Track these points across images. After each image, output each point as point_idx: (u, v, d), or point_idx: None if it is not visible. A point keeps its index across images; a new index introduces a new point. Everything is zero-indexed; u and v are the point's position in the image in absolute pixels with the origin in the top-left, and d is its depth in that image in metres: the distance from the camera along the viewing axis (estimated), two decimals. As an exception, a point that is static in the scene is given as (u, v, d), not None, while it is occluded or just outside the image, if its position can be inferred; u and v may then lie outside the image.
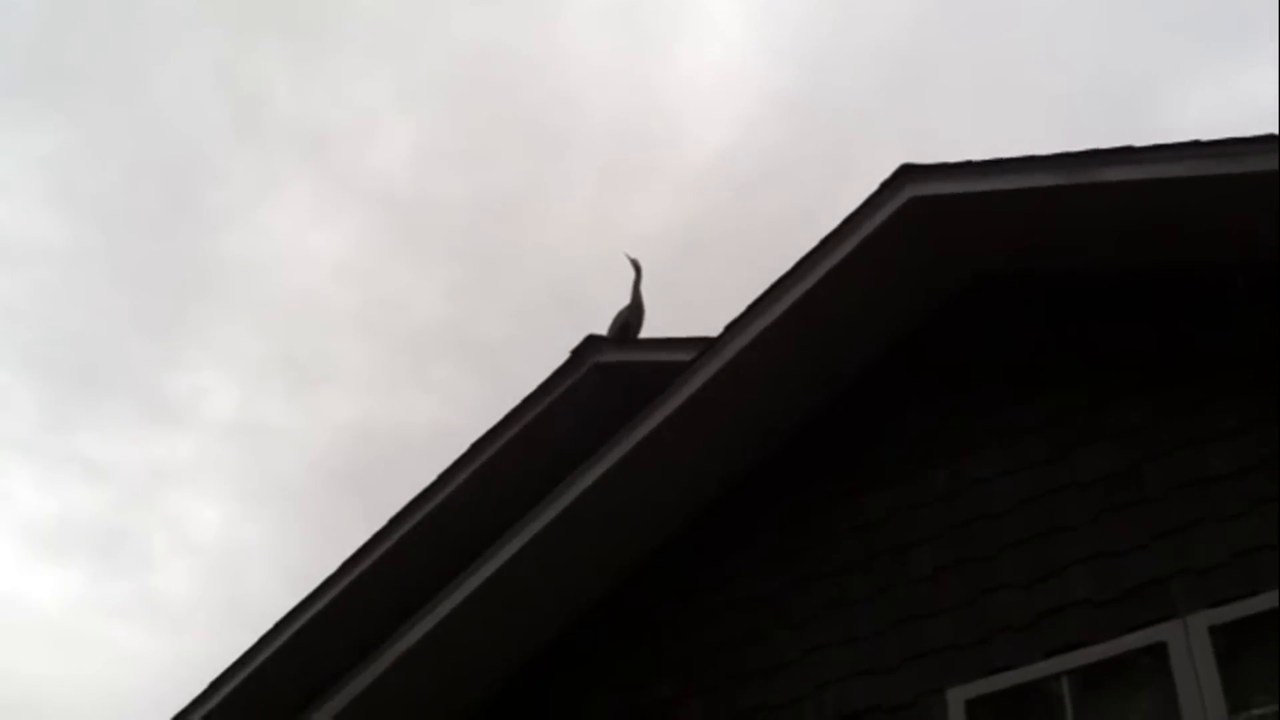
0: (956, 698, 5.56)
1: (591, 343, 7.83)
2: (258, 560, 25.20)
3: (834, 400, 6.78)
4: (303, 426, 24.93)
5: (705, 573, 6.70)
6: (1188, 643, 5.13)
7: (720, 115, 26.02)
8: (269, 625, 8.03)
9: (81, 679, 23.94)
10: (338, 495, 24.79)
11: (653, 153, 25.60)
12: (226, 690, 7.89)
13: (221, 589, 25.09)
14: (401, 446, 24.18)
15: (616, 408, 7.06)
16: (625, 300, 8.41)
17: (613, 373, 7.74)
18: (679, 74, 25.10)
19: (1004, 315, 6.53)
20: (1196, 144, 5.74)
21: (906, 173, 6.41)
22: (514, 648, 6.89)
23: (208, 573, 25.30)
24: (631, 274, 8.59)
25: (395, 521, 7.92)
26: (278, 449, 24.93)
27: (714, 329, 6.70)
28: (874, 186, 6.47)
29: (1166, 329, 6.03)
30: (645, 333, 8.41)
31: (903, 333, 6.72)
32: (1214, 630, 5.11)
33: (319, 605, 7.91)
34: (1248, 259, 5.82)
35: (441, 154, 24.67)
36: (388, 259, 25.07)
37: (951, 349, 6.58)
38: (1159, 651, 5.18)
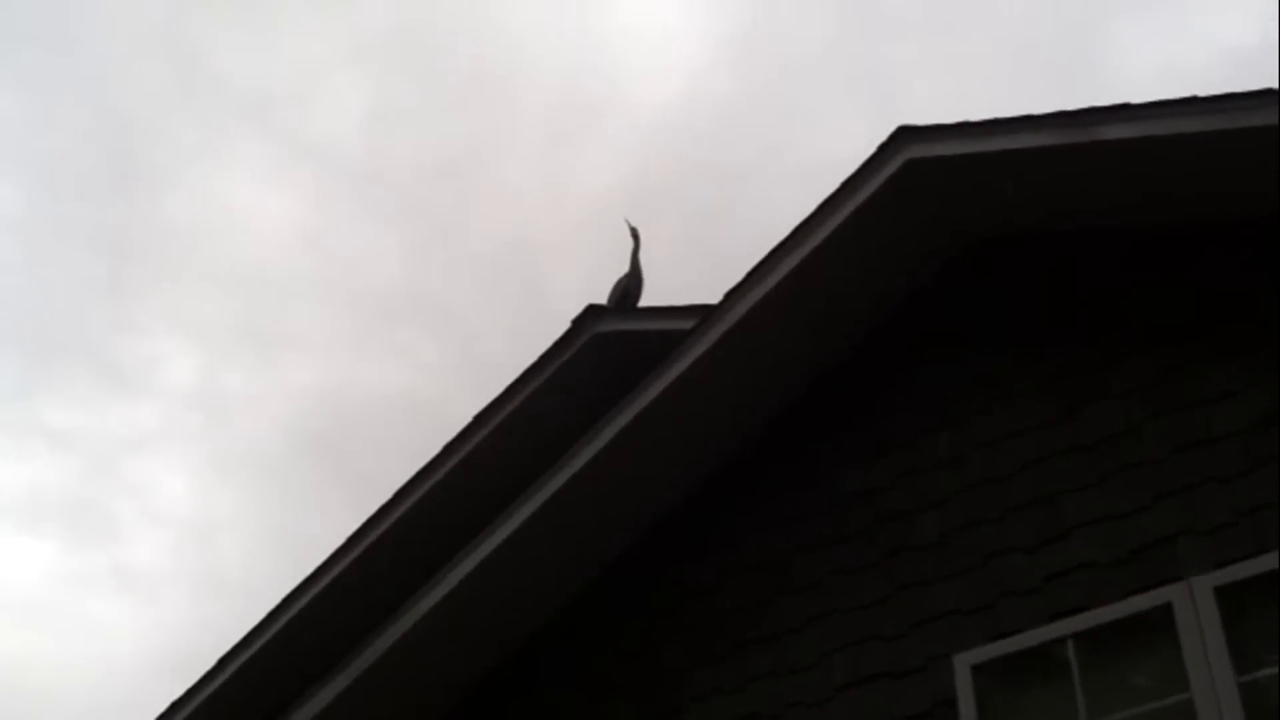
0: (963, 663, 5.55)
1: (592, 312, 7.80)
2: (228, 528, 25.07)
3: (835, 366, 6.76)
4: (265, 392, 24.79)
5: (709, 540, 6.70)
6: (1193, 604, 5.12)
7: (666, 65, 25.91)
8: (250, 621, 8.05)
9: (56, 653, 23.98)
10: (306, 460, 24.78)
11: (601, 105, 25.47)
12: (231, 669, 7.93)
13: (193, 558, 25.04)
14: (368, 410, 24.17)
15: (618, 377, 7.04)
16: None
17: (613, 342, 7.72)
18: (622, 24, 24.97)
19: (1005, 277, 6.50)
20: (1194, 100, 5.71)
21: (903, 135, 6.38)
22: (519, 619, 6.92)
23: (179, 542, 25.23)
24: (630, 242, 8.57)
25: (400, 495, 7.92)
26: (241, 415, 24.77)
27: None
28: (870, 149, 6.46)
29: (1168, 288, 6.01)
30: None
31: (903, 297, 6.70)
32: (1220, 591, 5.10)
33: (323, 582, 7.93)
34: (1247, 216, 5.80)
35: (388, 113, 24.43)
36: (340, 220, 24.85)
37: (953, 312, 6.56)
38: (1165, 613, 5.17)
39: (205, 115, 23.77)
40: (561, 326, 7.75)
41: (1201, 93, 5.70)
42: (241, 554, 25.00)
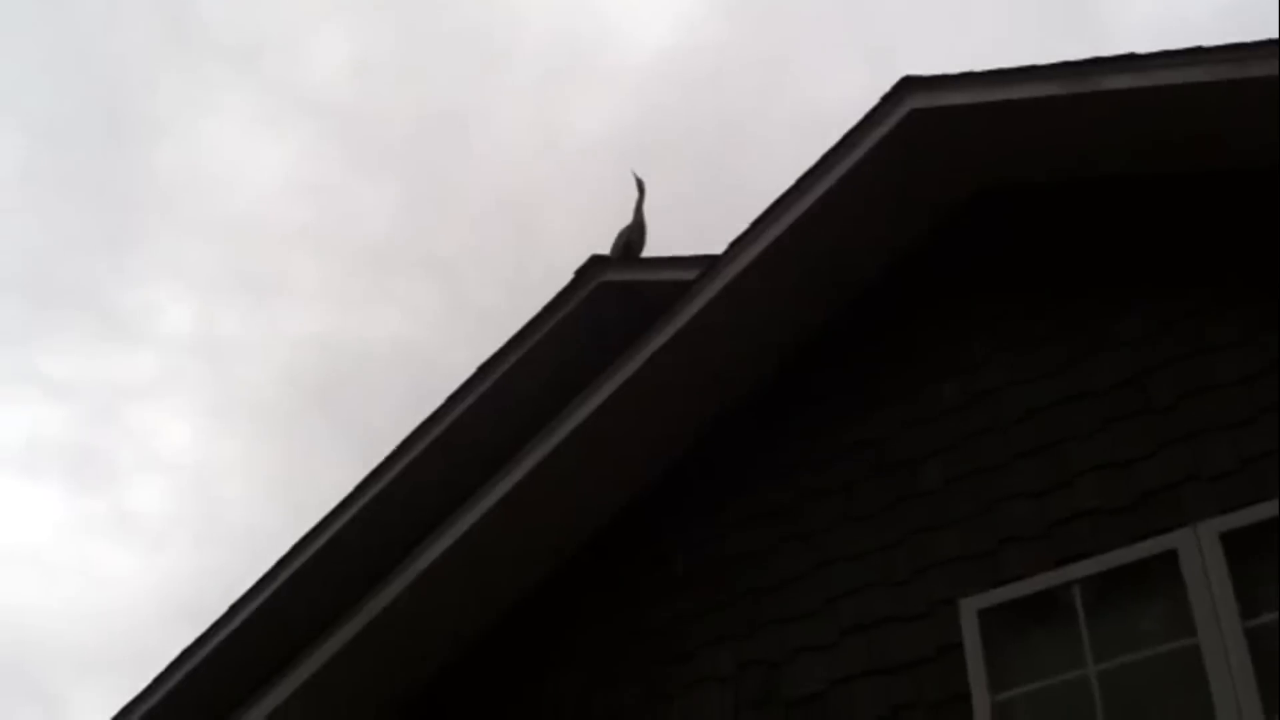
0: (969, 607, 5.61)
1: (596, 262, 7.83)
2: (229, 475, 25.22)
3: (840, 315, 6.80)
4: (262, 341, 24.93)
5: (715, 489, 6.75)
6: (1199, 549, 5.17)
7: (660, 13, 25.92)
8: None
9: (60, 601, 24.03)
10: (304, 408, 24.88)
11: (593, 57, 25.56)
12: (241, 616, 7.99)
13: (195, 504, 25.16)
14: (363, 358, 24.23)
15: (622, 326, 7.08)
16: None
17: (617, 292, 7.75)
18: None
19: (1009, 226, 6.53)
20: (1199, 50, 5.74)
21: (907, 85, 6.40)
22: (522, 570, 6.97)
23: (180, 489, 25.40)
24: (635, 194, 8.58)
25: (405, 445, 7.97)
26: (238, 363, 24.93)
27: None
28: (874, 99, 6.47)
29: (1172, 237, 6.05)
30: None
31: (908, 246, 6.73)
32: (1225, 537, 5.14)
33: (329, 532, 7.99)
34: (1251, 165, 5.83)
35: (380, 64, 24.48)
36: (334, 171, 24.92)
37: (957, 262, 6.59)
38: (1170, 559, 5.23)
39: (197, 65, 23.77)
40: (557, 275, 7.84)
41: (1198, 42, 5.73)
42: (242, 501, 25.11)
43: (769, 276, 6.60)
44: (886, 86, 6.43)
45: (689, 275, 6.89)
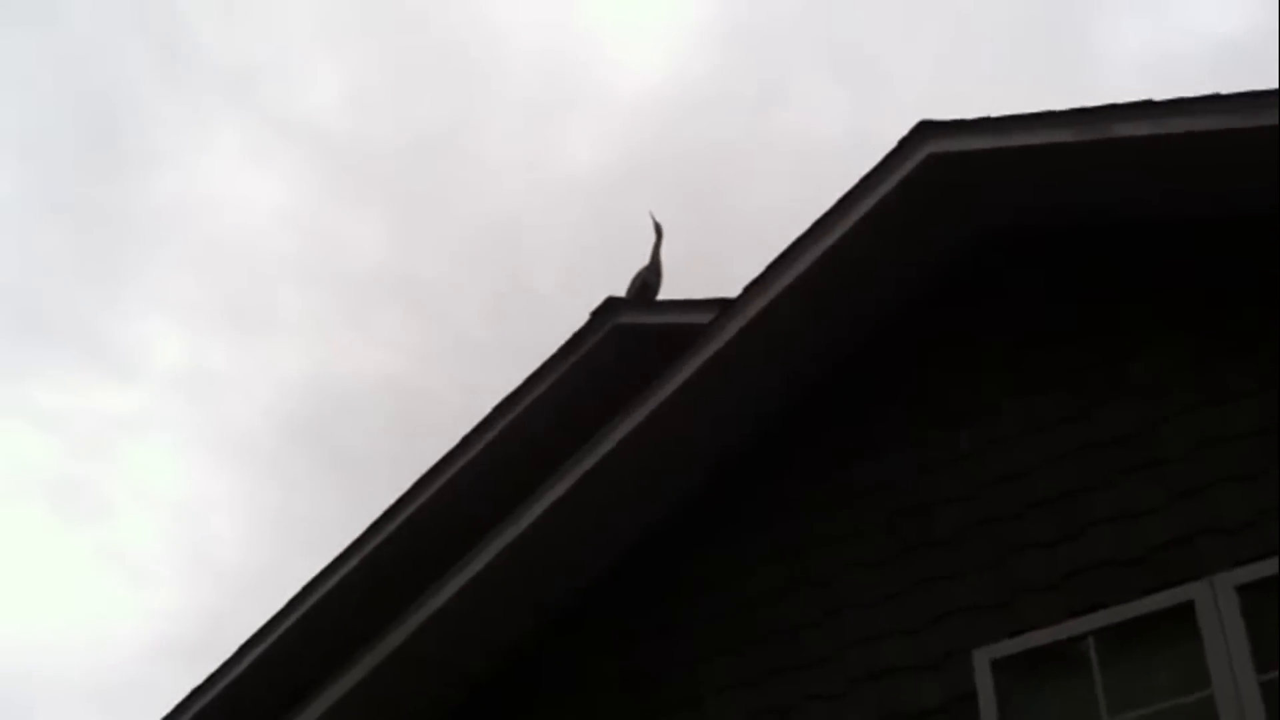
0: (982, 658, 5.57)
1: (611, 304, 7.84)
2: (217, 508, 25.07)
3: (853, 359, 6.77)
4: (251, 374, 24.74)
5: (725, 533, 6.71)
6: (1215, 602, 5.13)
7: (647, 43, 25.86)
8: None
9: (47, 634, 23.95)
10: (294, 442, 24.67)
11: (582, 85, 25.43)
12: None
13: (183, 539, 25.06)
14: (351, 392, 24.15)
15: (637, 369, 7.07)
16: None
17: (632, 334, 7.74)
18: (602, 1, 24.92)
19: (1023, 272, 6.51)
20: (1213, 98, 5.73)
21: (924, 130, 6.39)
22: (534, 609, 6.93)
23: (168, 522, 25.21)
24: (652, 236, 8.57)
25: (417, 487, 7.96)
26: (228, 397, 24.69)
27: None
28: (891, 144, 6.46)
29: (1187, 285, 6.02)
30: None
31: (922, 291, 6.71)
32: (1241, 589, 5.11)
33: (341, 572, 7.99)
34: (1266, 212, 5.81)
35: (370, 92, 24.36)
36: (324, 201, 24.79)
37: (971, 306, 6.58)
38: (1186, 611, 5.19)
39: (189, 94, 23.76)
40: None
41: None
42: (230, 535, 25.04)
43: (784, 320, 6.57)
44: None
45: (704, 318, 6.87)
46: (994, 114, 6.27)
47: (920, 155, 6.39)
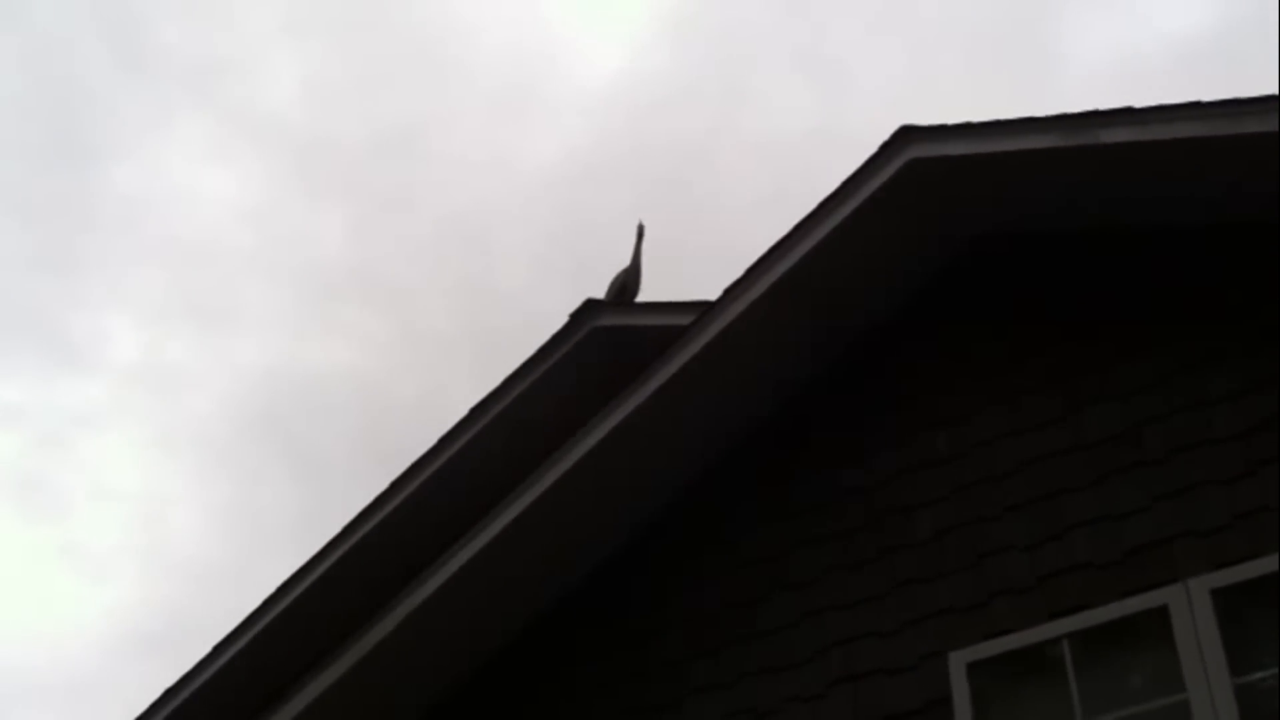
0: (958, 661, 5.57)
1: (590, 306, 7.83)
2: (177, 503, 24.94)
3: (834, 362, 6.78)
4: (210, 368, 24.56)
5: (707, 535, 6.72)
6: (1190, 606, 5.14)
7: (610, 39, 25.91)
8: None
9: (5, 628, 23.79)
10: (253, 437, 24.57)
11: (546, 81, 25.42)
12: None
13: (143, 534, 24.89)
14: (312, 387, 24.05)
15: (615, 372, 7.06)
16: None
17: (611, 336, 7.74)
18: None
19: (1005, 276, 6.53)
20: (1196, 105, 5.74)
21: (905, 134, 6.40)
22: (512, 611, 6.92)
23: (127, 517, 25.06)
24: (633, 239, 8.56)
25: (394, 488, 7.93)
26: (187, 391, 24.60)
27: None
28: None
29: (1168, 289, 6.04)
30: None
31: (903, 295, 6.72)
32: (1216, 593, 5.12)
33: (315, 574, 7.95)
34: (1248, 219, 5.83)
35: (332, 87, 24.26)
36: (285, 196, 24.69)
37: (953, 310, 6.59)
38: (1161, 614, 5.20)
39: (149, 88, 23.66)
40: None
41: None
42: (192, 531, 24.89)
43: (764, 323, 6.58)
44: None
45: (684, 320, 6.87)
46: (975, 119, 6.30)
47: (901, 160, 6.40)
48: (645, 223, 8.55)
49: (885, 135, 6.43)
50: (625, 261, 8.51)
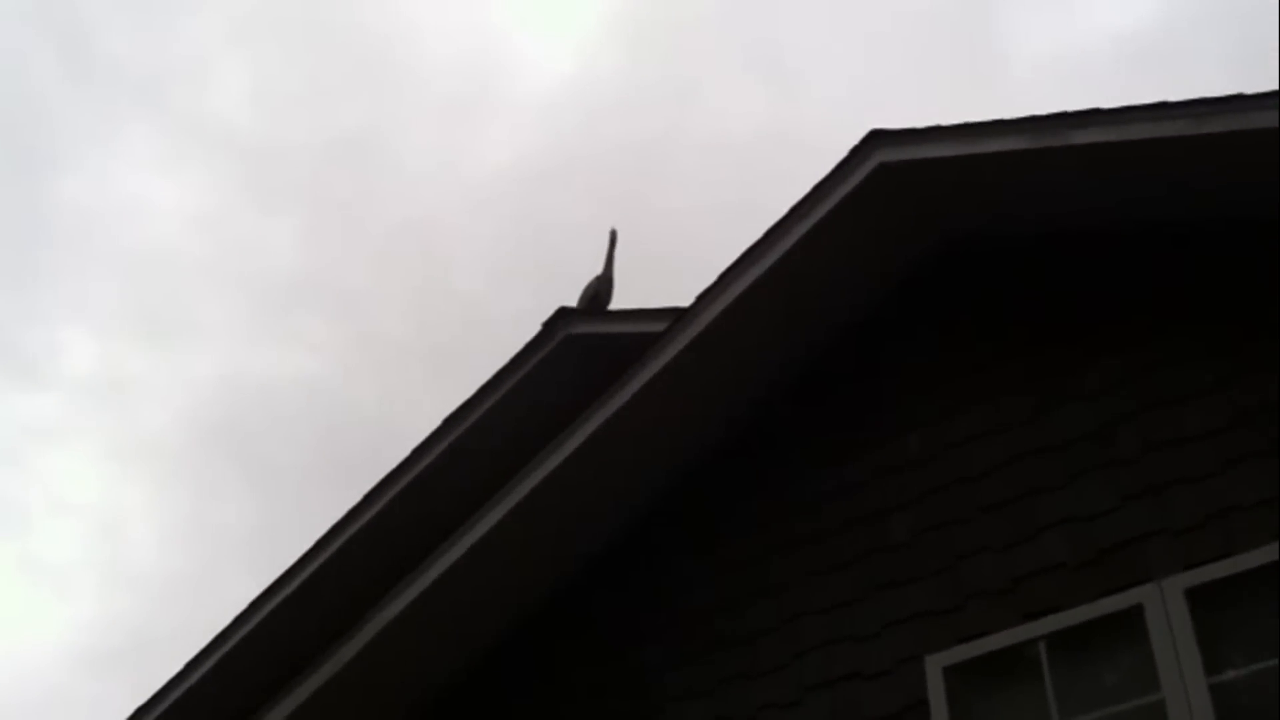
0: (934, 664, 5.57)
1: (563, 315, 7.82)
2: (134, 517, 24.90)
3: (807, 366, 6.78)
4: (165, 379, 24.54)
5: (682, 542, 6.71)
6: (1164, 605, 5.14)
7: (560, 42, 25.98)
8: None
9: None
10: (209, 448, 24.53)
11: (496, 85, 25.45)
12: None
13: (100, 548, 24.83)
14: (268, 396, 23.99)
15: (589, 380, 7.05)
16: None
17: (585, 345, 7.72)
18: (517, 2, 25.00)
19: (977, 278, 6.53)
20: (1164, 105, 5.76)
21: (875, 138, 6.41)
22: (489, 620, 6.90)
23: (84, 531, 24.98)
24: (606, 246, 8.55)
25: (368, 500, 7.90)
26: (143, 404, 24.64)
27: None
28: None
29: (1139, 289, 6.05)
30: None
31: (876, 298, 6.72)
32: (1190, 592, 5.12)
33: (290, 588, 7.91)
34: (1217, 218, 5.85)
35: (281, 94, 24.25)
36: (237, 205, 24.65)
37: (925, 313, 6.59)
38: (1136, 614, 5.20)
39: (98, 97, 23.59)
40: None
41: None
42: (148, 543, 24.79)
43: (737, 329, 6.57)
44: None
45: (657, 327, 6.87)
46: (944, 123, 6.31)
47: (871, 164, 6.41)
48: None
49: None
50: (587, 265, 8.52)
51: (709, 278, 6.57)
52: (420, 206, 24.51)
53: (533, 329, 7.86)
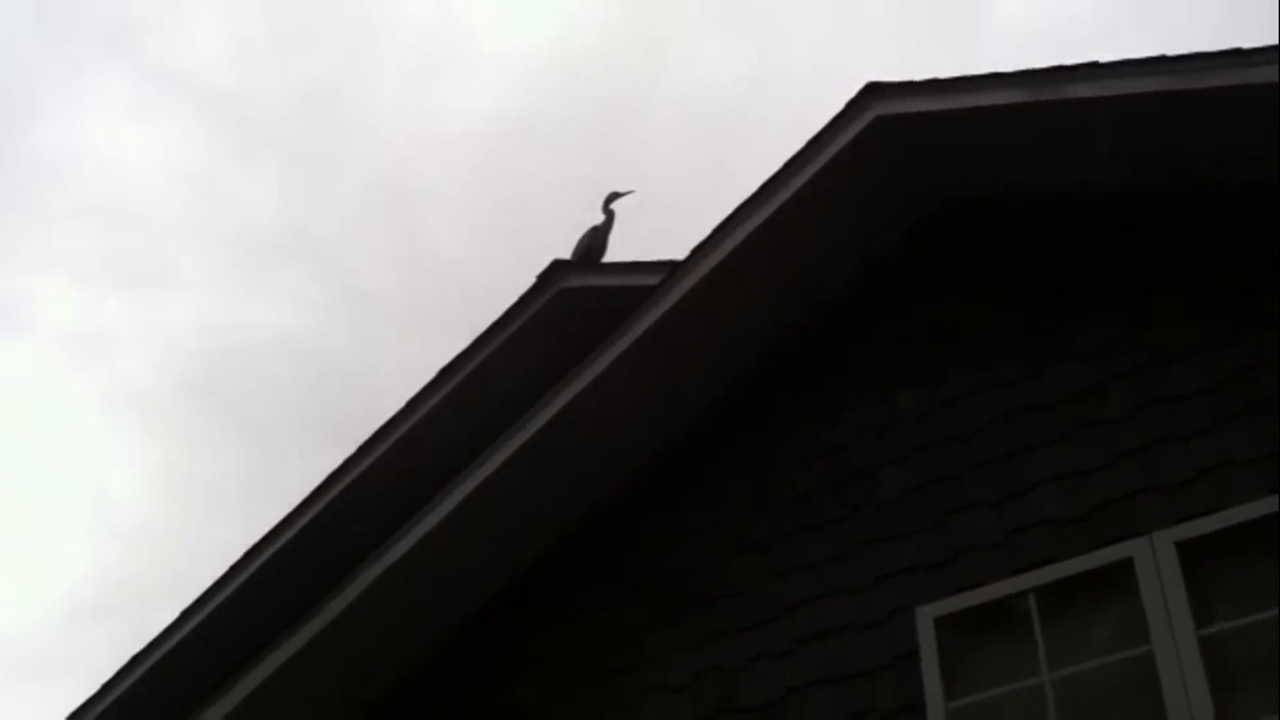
0: (925, 616, 5.59)
1: (557, 267, 7.81)
2: (116, 469, 24.88)
3: (802, 322, 6.77)
4: (144, 332, 24.48)
5: (674, 498, 6.71)
6: (1154, 559, 5.17)
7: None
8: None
9: None
10: (188, 400, 24.39)
11: (471, 38, 25.37)
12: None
13: (84, 501, 24.81)
14: (247, 347, 23.93)
15: (583, 332, 7.05)
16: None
17: (578, 297, 7.72)
18: None
19: (972, 236, 6.53)
20: (1161, 59, 5.75)
21: (871, 92, 6.39)
22: (481, 577, 6.90)
23: (69, 484, 24.99)
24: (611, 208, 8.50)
25: (363, 450, 7.91)
26: (121, 355, 24.57)
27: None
28: (839, 106, 6.47)
29: (1132, 248, 6.05)
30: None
31: (871, 255, 6.72)
32: (1180, 546, 5.14)
33: (280, 542, 7.93)
34: (1210, 180, 5.85)
35: (256, 45, 24.16)
36: (213, 155, 24.55)
37: (920, 270, 6.59)
38: (1126, 568, 5.22)
39: (67, 46, 23.40)
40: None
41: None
42: (133, 496, 24.75)
43: (731, 282, 6.56)
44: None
45: (650, 280, 6.86)
46: (941, 76, 6.29)
47: (867, 118, 6.40)
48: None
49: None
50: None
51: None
52: (396, 158, 24.48)
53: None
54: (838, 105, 6.46)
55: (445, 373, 7.85)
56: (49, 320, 24.02)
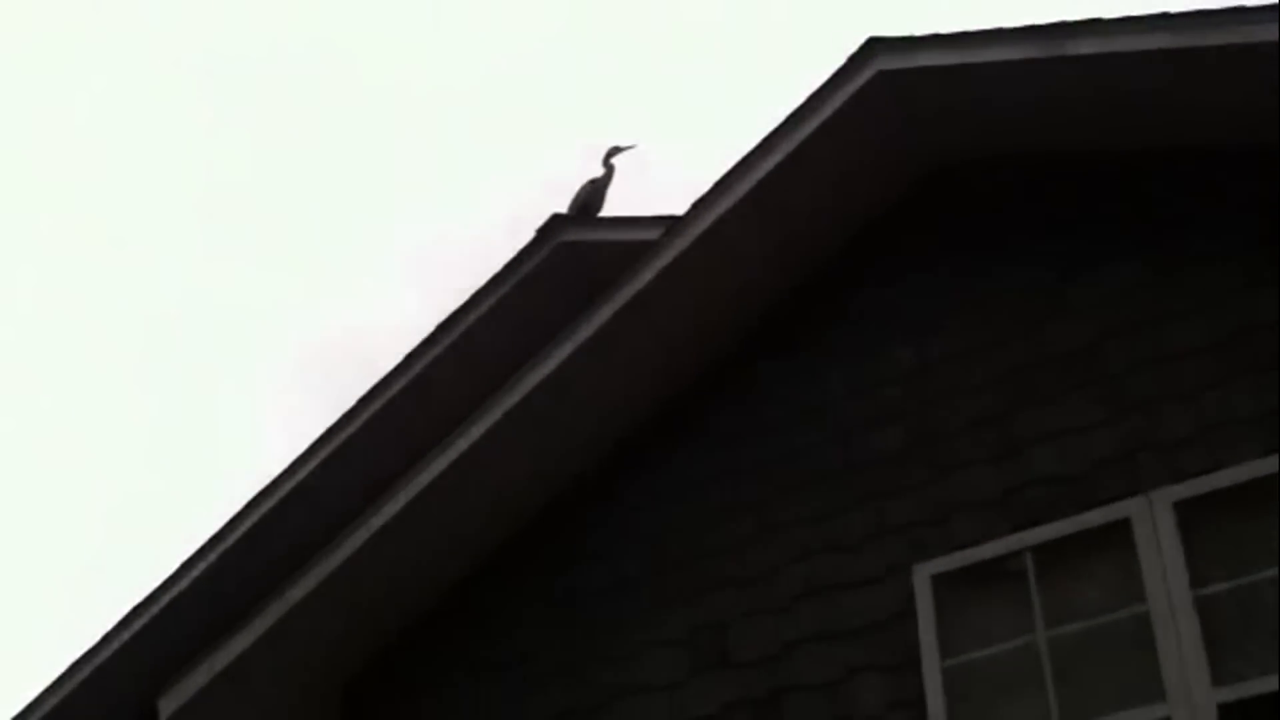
0: (922, 573, 5.60)
1: (556, 221, 7.77)
2: (91, 434, 24.93)
3: (802, 279, 6.75)
4: (110, 292, 24.47)
5: (669, 453, 6.70)
6: (1152, 517, 5.17)
7: None
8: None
9: None
10: (164, 364, 24.47)
11: None
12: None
13: (61, 468, 24.84)
14: (222, 311, 23.95)
15: (583, 285, 7.03)
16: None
17: (577, 252, 7.69)
18: None
19: (971, 194, 6.50)
20: (1164, 16, 5.71)
21: (873, 45, 6.35)
22: (476, 535, 6.88)
23: (46, 455, 24.98)
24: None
25: (365, 400, 7.91)
26: (87, 317, 24.54)
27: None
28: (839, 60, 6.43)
29: (1132, 206, 6.02)
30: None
31: (871, 210, 6.69)
32: (1178, 505, 5.16)
33: (272, 501, 7.94)
34: (1210, 139, 5.82)
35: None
36: (184, 113, 24.52)
37: (919, 227, 6.56)
38: (1123, 527, 5.23)
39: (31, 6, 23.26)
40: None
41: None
42: (107, 463, 24.74)
43: (730, 239, 6.53)
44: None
45: (650, 235, 6.84)
46: (943, 31, 6.24)
47: (870, 72, 6.35)
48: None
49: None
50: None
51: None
52: (377, 108, 24.33)
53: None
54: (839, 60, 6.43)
55: (444, 327, 7.83)
56: (10, 279, 23.86)
